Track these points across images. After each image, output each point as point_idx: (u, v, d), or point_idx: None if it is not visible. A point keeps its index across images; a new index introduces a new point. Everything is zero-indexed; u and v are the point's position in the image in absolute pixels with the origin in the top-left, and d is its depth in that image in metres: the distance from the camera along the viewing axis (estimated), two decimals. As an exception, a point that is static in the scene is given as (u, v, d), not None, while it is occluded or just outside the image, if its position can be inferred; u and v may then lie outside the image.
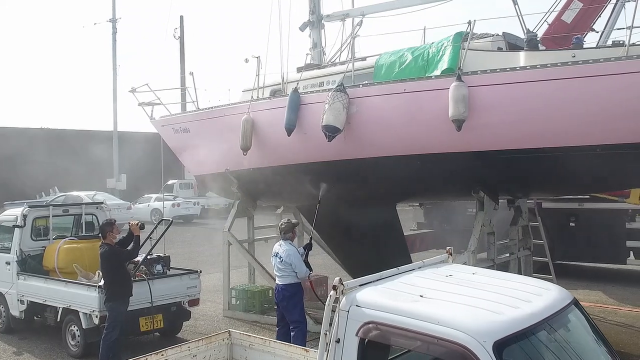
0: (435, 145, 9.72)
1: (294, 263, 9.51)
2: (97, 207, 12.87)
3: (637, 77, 8.38)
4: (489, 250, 10.64)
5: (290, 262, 9.53)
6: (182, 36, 41.48)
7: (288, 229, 9.94)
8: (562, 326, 4.20)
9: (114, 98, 41.04)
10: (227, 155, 12.68)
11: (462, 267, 5.31)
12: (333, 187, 10.79)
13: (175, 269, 11.59)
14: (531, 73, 8.91)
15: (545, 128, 9.02)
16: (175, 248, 19.85)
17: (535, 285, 4.58)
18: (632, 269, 16.64)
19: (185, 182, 39.89)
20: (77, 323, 10.31)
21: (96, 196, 32.41)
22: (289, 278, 9.64)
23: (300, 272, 9.56)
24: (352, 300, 4.17)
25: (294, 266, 9.52)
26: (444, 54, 10.23)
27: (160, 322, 10.67)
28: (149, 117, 15.14)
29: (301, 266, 9.55)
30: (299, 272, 9.56)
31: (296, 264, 9.52)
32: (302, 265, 9.57)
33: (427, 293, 4.23)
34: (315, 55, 13.51)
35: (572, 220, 16.48)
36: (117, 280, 9.54)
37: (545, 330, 4.02)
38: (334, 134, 10.07)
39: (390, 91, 9.96)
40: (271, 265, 14.52)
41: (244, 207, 13.29)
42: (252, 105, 11.83)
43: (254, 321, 12.61)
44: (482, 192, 10.21)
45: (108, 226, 9.81)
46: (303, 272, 9.58)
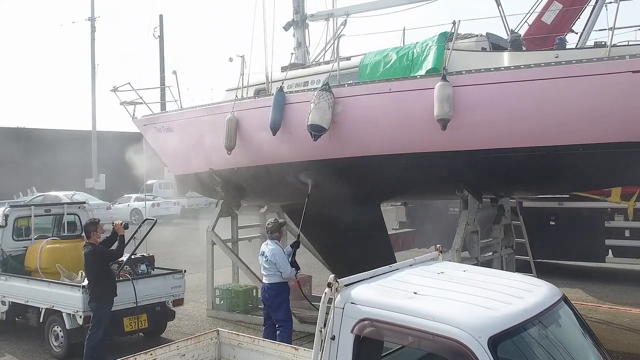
0: (421, 145, 9.78)
1: (279, 263, 9.53)
2: (79, 206, 12.79)
3: (618, 77, 8.52)
4: (473, 249, 10.72)
5: (275, 261, 9.54)
6: (161, 35, 41.26)
7: (274, 228, 9.93)
8: (553, 322, 4.27)
9: (93, 97, 40.77)
10: (211, 155, 12.64)
11: (452, 264, 5.36)
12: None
13: (159, 268, 11.54)
14: (515, 73, 9.01)
15: (529, 128, 9.12)
16: (156, 248, 19.60)
17: (525, 282, 4.64)
18: (611, 267, 16.88)
19: (164, 182, 39.62)
20: (60, 324, 10.22)
21: (75, 196, 32.09)
22: (274, 277, 9.66)
23: (285, 271, 9.57)
24: (347, 297, 4.19)
25: (278, 266, 9.53)
26: (428, 54, 10.30)
27: (145, 322, 10.62)
28: (130, 116, 15.03)
29: (286, 266, 9.55)
30: (284, 272, 9.58)
31: (281, 264, 9.53)
32: (287, 265, 9.57)
33: (420, 290, 4.27)
34: (300, 54, 13.51)
35: (552, 219, 16.69)
36: (102, 280, 9.47)
37: (538, 326, 4.08)
38: (320, 134, 10.09)
39: (376, 91, 10.00)
40: (255, 265, 14.65)
41: (228, 207, 13.25)
42: (237, 105, 11.80)
43: (238, 321, 12.59)
44: (466, 191, 10.30)
45: (92, 226, 9.71)
46: (287, 272, 9.59)
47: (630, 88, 8.51)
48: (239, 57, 12.05)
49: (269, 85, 12.27)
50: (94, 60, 40.97)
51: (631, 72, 8.45)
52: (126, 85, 14.37)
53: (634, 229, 15.54)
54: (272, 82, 12.22)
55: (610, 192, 14.82)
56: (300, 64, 13.12)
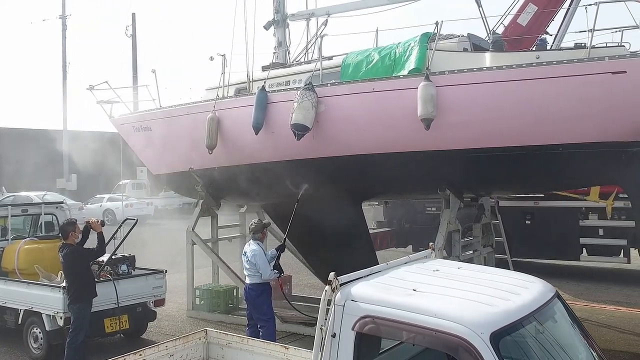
0: (404, 144, 9.85)
1: (259, 264, 9.47)
2: (56, 206, 12.59)
3: (598, 78, 8.69)
4: (454, 248, 10.82)
5: (255, 262, 9.49)
6: (134, 34, 40.84)
7: (258, 229, 9.90)
8: (549, 317, 4.34)
9: (64, 96, 40.22)
10: (191, 154, 12.56)
11: (446, 262, 5.43)
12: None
13: (140, 269, 11.43)
14: (498, 74, 9.13)
15: (511, 128, 9.25)
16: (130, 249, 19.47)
17: (520, 279, 4.71)
18: (585, 265, 17.16)
19: (137, 182, 39.26)
20: (39, 325, 10.07)
21: (46, 196, 31.42)
22: (255, 278, 9.62)
23: (264, 273, 9.50)
24: (347, 294, 4.21)
25: (258, 267, 9.48)
26: (410, 54, 10.37)
27: (126, 323, 10.51)
28: (107, 115, 14.86)
29: (265, 268, 9.48)
30: (263, 274, 9.51)
31: (260, 265, 9.47)
32: (267, 266, 9.49)
33: (419, 287, 4.30)
34: (280, 54, 13.49)
35: (528, 218, 16.91)
36: (82, 281, 9.32)
37: (536, 322, 4.15)
38: (303, 133, 10.10)
39: (359, 90, 10.05)
40: (234, 264, 14.60)
41: (208, 207, 13.17)
42: (218, 104, 11.75)
43: (219, 321, 12.52)
44: (448, 191, 10.39)
45: (70, 226, 9.54)
46: (267, 274, 9.52)
47: (609, 89, 8.68)
48: (220, 56, 12.00)
49: (250, 84, 12.22)
50: (65, 59, 40.49)
51: (610, 73, 8.62)
52: (103, 84, 14.20)
53: (607, 227, 15.83)
54: (254, 82, 12.18)
55: (589, 191, 15.07)
56: (281, 63, 13.10)
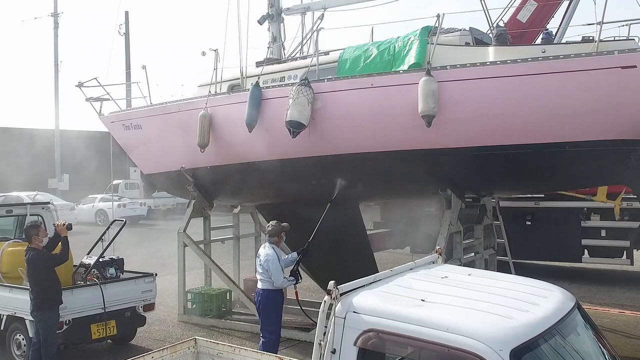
0: (404, 142, 9.45)
1: (271, 269, 8.88)
2: (42, 207, 12.11)
3: (607, 73, 8.31)
4: (455, 250, 10.42)
5: (267, 267, 8.91)
6: (127, 33, 40.37)
7: (274, 232, 9.25)
8: (571, 330, 3.94)
9: (56, 95, 39.67)
10: (182, 153, 12.13)
11: (454, 267, 5.02)
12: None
13: (129, 272, 10.98)
14: (502, 68, 8.74)
15: (515, 125, 8.87)
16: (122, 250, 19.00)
17: (536, 287, 4.32)
18: (587, 267, 16.79)
19: (131, 182, 38.75)
20: (23, 331, 9.63)
21: (37, 197, 31.06)
22: (267, 283, 9.03)
23: (276, 280, 8.90)
24: (349, 306, 3.79)
25: (270, 273, 8.89)
26: (410, 49, 9.98)
27: (114, 329, 10.08)
28: (97, 113, 14.41)
29: (278, 274, 8.88)
30: (275, 280, 8.90)
31: (273, 271, 8.87)
32: (279, 273, 8.91)
33: (428, 297, 3.90)
34: (275, 49, 13.07)
35: (528, 219, 16.54)
36: (47, 287, 8.83)
37: (558, 336, 3.74)
38: (299, 130, 9.69)
39: (358, 86, 9.63)
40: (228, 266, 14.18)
41: (200, 207, 12.73)
42: (210, 100, 11.33)
43: (211, 326, 12.10)
44: (449, 191, 9.99)
45: (33, 229, 9.00)
46: (279, 281, 8.92)
47: (618, 84, 8.30)
48: (212, 51, 11.57)
49: (244, 80, 11.81)
50: (57, 57, 39.94)
51: (620, 67, 8.24)
52: (92, 81, 13.76)
53: (609, 228, 15.47)
54: (247, 78, 11.76)
55: (595, 191, 14.69)
56: (276, 59, 12.69)
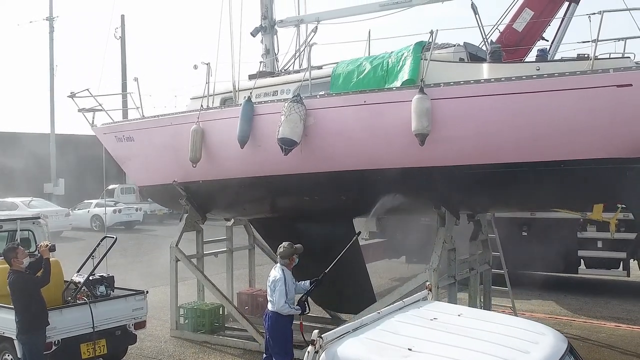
0: (397, 160, 9.34)
1: (275, 292, 8.49)
2: (33, 222, 11.94)
3: (602, 91, 8.21)
4: (450, 267, 10.31)
5: (273, 289, 8.53)
6: (123, 36, 40.27)
7: (286, 254, 8.77)
8: (563, 380, 3.82)
9: (51, 99, 39.54)
10: (175, 167, 12.00)
11: (444, 306, 4.89)
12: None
13: (119, 289, 10.84)
14: (497, 86, 8.63)
15: (509, 143, 8.76)
16: (117, 258, 18.94)
17: (527, 330, 4.19)
18: (584, 278, 16.70)
19: (126, 187, 38.64)
20: (11, 352, 9.46)
21: (32, 202, 31.00)
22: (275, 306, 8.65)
23: (278, 304, 8.42)
24: (333, 356, 3.68)
25: (274, 295, 8.49)
26: (404, 64, 9.87)
27: (104, 348, 9.93)
28: (89, 124, 14.29)
29: (280, 298, 8.40)
30: (277, 304, 8.42)
31: (276, 294, 8.46)
32: (282, 297, 8.39)
33: (415, 345, 3.78)
34: (268, 62, 12.95)
35: (524, 230, 16.47)
36: (32, 310, 8.65)
37: (548, 387, 3.63)
38: (291, 147, 9.58)
39: (350, 103, 9.52)
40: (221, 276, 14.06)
41: (193, 221, 12.60)
42: (202, 115, 11.21)
43: (203, 342, 11.97)
44: (443, 208, 9.88)
45: (11, 252, 8.76)
46: (280, 305, 8.41)
47: (614, 102, 8.21)
48: (204, 65, 11.45)
49: (236, 94, 11.69)
50: (52, 61, 39.80)
51: (615, 86, 8.14)
52: (85, 92, 13.63)
53: (606, 240, 15.41)
54: (240, 91, 11.64)
55: (592, 208, 14.61)
56: (269, 72, 12.56)
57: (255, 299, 13.49)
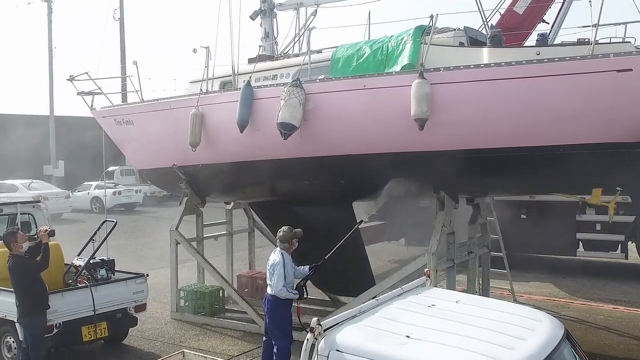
0: (396, 145, 9.34)
1: (274, 275, 8.57)
2: (33, 206, 11.99)
3: (602, 76, 8.19)
4: (449, 251, 10.35)
5: (272, 272, 8.62)
6: (122, 18, 40.04)
7: (285, 238, 8.85)
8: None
9: (50, 81, 39.43)
10: (174, 150, 12.00)
11: (442, 292, 4.93)
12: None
13: (120, 272, 10.91)
14: (496, 71, 8.60)
15: (509, 128, 8.76)
16: (117, 240, 18.95)
17: (526, 317, 4.23)
18: (582, 260, 16.78)
19: (126, 169, 38.61)
20: (13, 334, 9.56)
21: (32, 184, 31.04)
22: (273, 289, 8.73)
23: (276, 286, 8.50)
24: (332, 343, 3.72)
25: (272, 278, 8.58)
26: (404, 49, 9.84)
27: (105, 331, 10.03)
28: (89, 107, 14.27)
29: (278, 282, 8.49)
30: (274, 287, 8.53)
31: (275, 277, 8.54)
32: (280, 281, 8.49)
33: (413, 332, 3.82)
34: (267, 46, 12.90)
35: (523, 213, 16.52)
36: (32, 293, 8.74)
37: (544, 374, 3.67)
38: (290, 132, 9.58)
39: (350, 87, 9.50)
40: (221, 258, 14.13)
41: (192, 204, 12.64)
42: (202, 99, 11.20)
43: (203, 324, 12.05)
44: (442, 192, 9.90)
45: (10, 236, 8.83)
46: (277, 288, 8.49)
47: (614, 87, 8.19)
48: (204, 48, 11.42)
49: (236, 77, 11.66)
50: (51, 43, 39.61)
51: (615, 71, 8.13)
52: (84, 75, 13.59)
53: (604, 222, 15.46)
54: (239, 75, 11.61)
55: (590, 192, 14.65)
56: (268, 55, 12.52)
57: (255, 281, 13.57)
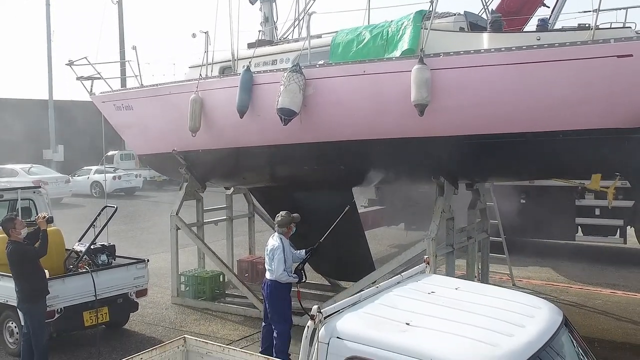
0: (396, 130, 9.34)
1: (274, 260, 8.67)
2: (34, 191, 12.01)
3: (603, 61, 8.17)
4: (448, 236, 10.39)
5: (272, 257, 8.70)
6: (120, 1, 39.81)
7: (284, 222, 8.96)
8: (558, 351, 3.90)
9: (49, 65, 39.12)
10: (174, 136, 12.00)
11: (442, 279, 4.96)
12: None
13: (121, 257, 10.96)
14: (496, 56, 8.58)
15: (509, 114, 8.76)
16: (117, 225, 19.03)
17: (524, 304, 4.26)
18: (581, 245, 16.84)
19: (126, 153, 38.56)
20: (15, 319, 9.63)
21: (32, 169, 31.02)
22: (273, 274, 8.82)
23: (276, 271, 8.61)
24: (332, 330, 3.75)
25: (272, 263, 8.68)
26: (404, 34, 9.80)
27: (106, 316, 10.10)
28: (88, 92, 14.23)
29: (279, 266, 8.60)
30: (275, 271, 8.63)
31: (275, 262, 8.64)
32: (281, 265, 8.60)
33: (413, 319, 3.86)
34: (267, 31, 12.85)
35: (523, 198, 16.53)
36: (30, 280, 8.74)
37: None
38: (290, 117, 9.57)
39: (349, 72, 9.48)
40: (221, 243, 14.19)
41: (192, 190, 12.66)
42: (201, 84, 11.17)
43: (204, 308, 12.12)
44: (442, 178, 9.92)
45: (9, 223, 8.81)
46: (278, 272, 8.60)
47: (614, 73, 8.18)
48: (203, 33, 11.37)
49: (235, 62, 11.63)
50: (49, 27, 39.30)
51: (616, 56, 8.10)
52: (83, 60, 13.55)
53: (603, 207, 15.47)
54: (239, 60, 11.58)
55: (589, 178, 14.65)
56: (268, 40, 12.47)
57: (255, 266, 13.62)
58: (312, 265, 12.85)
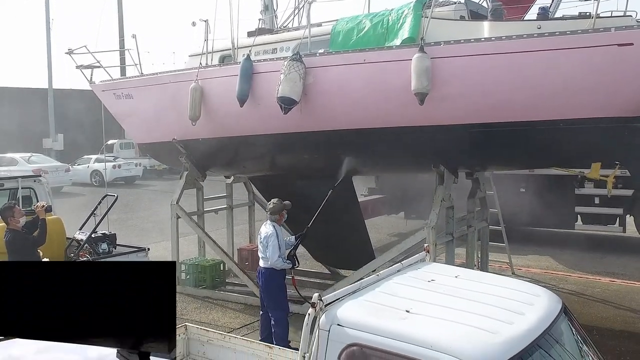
0: (396, 119, 9.35)
1: (269, 247, 8.73)
2: (34, 180, 12.01)
3: (604, 50, 8.17)
4: (448, 225, 10.41)
5: (266, 245, 8.77)
6: (119, -12, 39.61)
7: (276, 210, 9.02)
8: (557, 339, 3.93)
9: (48, 53, 39.02)
10: (174, 125, 12.01)
11: (442, 267, 4.98)
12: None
13: (121, 246, 10.99)
14: (497, 45, 8.58)
15: (509, 102, 8.77)
16: (117, 213, 19.05)
17: (524, 292, 4.29)
18: (580, 233, 16.88)
19: (126, 142, 38.53)
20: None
21: (32, 158, 31.01)
22: (268, 262, 8.89)
23: (271, 258, 8.68)
24: (333, 318, 3.78)
25: (267, 250, 8.75)
26: (404, 22, 9.79)
27: (107, 304, 10.11)
28: (88, 81, 14.23)
29: (274, 253, 8.67)
30: (270, 258, 8.70)
31: (270, 249, 8.71)
32: (276, 252, 8.68)
33: (413, 307, 3.88)
34: (267, 19, 12.83)
35: (522, 187, 16.55)
36: None
37: (543, 347, 3.73)
38: (290, 106, 9.57)
39: (350, 61, 9.48)
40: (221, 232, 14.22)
41: (193, 178, 12.68)
42: (201, 72, 11.17)
43: (205, 297, 12.17)
44: (442, 167, 9.93)
45: (7, 211, 8.81)
46: (274, 259, 8.68)
47: (614, 61, 8.18)
48: (203, 22, 11.36)
49: (235, 51, 11.62)
50: (48, 15, 39.18)
51: (617, 45, 8.10)
52: (82, 48, 13.54)
53: (603, 196, 15.49)
54: (239, 48, 11.57)
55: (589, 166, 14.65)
56: (268, 29, 12.46)
57: (255, 254, 13.58)
58: (311, 253, 12.92)
